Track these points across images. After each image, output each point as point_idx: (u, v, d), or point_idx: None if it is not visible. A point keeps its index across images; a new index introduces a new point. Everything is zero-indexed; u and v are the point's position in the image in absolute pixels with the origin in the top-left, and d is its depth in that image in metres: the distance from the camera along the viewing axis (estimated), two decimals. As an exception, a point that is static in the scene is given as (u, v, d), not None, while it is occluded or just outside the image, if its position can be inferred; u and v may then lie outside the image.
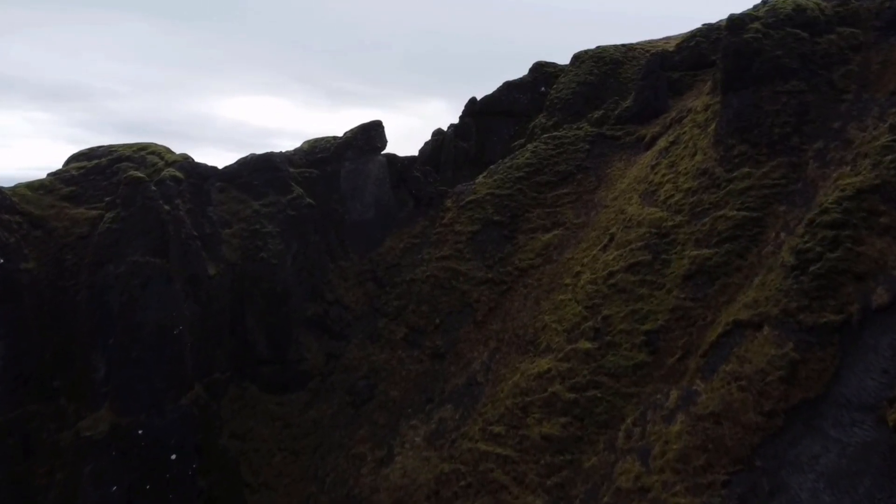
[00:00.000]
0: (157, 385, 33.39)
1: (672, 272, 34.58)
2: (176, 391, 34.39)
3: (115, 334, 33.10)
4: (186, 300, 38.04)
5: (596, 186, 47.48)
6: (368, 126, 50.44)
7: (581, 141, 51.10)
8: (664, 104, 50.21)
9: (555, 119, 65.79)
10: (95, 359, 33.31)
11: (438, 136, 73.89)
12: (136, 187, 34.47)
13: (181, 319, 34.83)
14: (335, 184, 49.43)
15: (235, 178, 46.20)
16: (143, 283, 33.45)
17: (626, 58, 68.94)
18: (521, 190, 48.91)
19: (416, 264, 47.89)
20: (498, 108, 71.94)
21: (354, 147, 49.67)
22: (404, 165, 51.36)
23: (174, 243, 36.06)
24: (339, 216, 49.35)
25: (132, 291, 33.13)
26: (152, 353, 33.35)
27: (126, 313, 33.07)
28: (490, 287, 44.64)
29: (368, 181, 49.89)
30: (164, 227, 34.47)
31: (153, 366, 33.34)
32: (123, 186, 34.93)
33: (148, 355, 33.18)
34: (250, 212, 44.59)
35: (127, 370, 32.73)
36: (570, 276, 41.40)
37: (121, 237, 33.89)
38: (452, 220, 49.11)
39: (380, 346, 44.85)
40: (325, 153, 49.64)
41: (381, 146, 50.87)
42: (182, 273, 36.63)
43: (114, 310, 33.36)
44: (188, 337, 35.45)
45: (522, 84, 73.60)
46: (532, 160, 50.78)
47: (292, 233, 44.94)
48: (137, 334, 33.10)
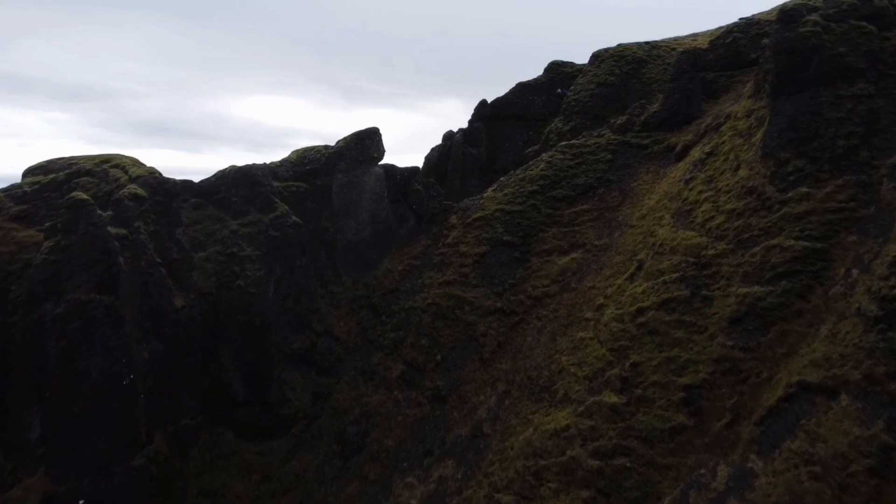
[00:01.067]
0: (102, 445, 28.20)
1: (715, 313, 28.86)
2: (126, 450, 29.19)
3: (52, 387, 27.96)
4: (147, 338, 32.88)
5: (620, 202, 41.80)
6: (363, 134, 45.07)
7: (602, 150, 45.41)
8: (697, 109, 44.40)
9: (572, 123, 60.26)
10: (29, 415, 28.17)
11: (448, 139, 68.47)
12: (79, 211, 29.28)
13: (133, 366, 29.60)
14: (326, 199, 44.10)
15: (212, 194, 41.01)
16: (86, 326, 28.27)
17: (649, 57, 63.23)
18: (535, 206, 43.32)
19: (415, 290, 42.44)
20: (510, 112, 66.34)
21: (348, 157, 44.33)
22: (404, 177, 45.93)
23: (129, 275, 30.84)
24: (331, 235, 44.00)
25: (72, 336, 27.98)
26: (97, 407, 28.15)
27: (65, 361, 27.92)
28: (499, 318, 39.11)
29: (364, 196, 44.51)
30: (111, 257, 29.25)
31: (98, 423, 28.15)
32: (64, 210, 29.78)
33: (91, 411, 27.98)
34: (227, 232, 39.38)
35: (66, 429, 27.59)
36: (591, 308, 35.78)
37: (60, 270, 28.74)
38: (457, 239, 43.63)
39: (373, 385, 39.46)
40: (314, 165, 44.33)
41: (377, 156, 45.49)
42: (137, 310, 31.44)
43: (51, 357, 28.24)
44: (142, 385, 30.21)
45: (537, 85, 67.96)
46: (547, 172, 45.17)
47: (275, 256, 39.63)
48: (78, 386, 27.93)
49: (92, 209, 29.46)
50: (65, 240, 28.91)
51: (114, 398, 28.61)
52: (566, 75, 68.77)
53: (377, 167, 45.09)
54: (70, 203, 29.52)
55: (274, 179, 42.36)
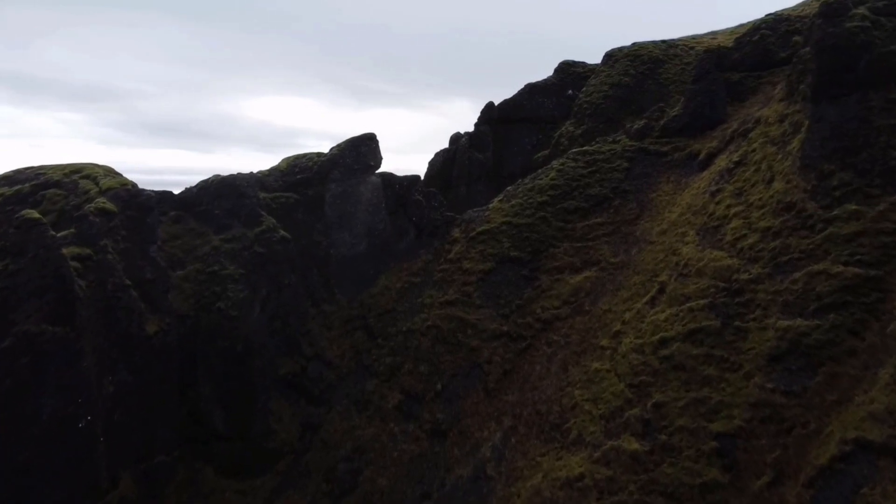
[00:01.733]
0: (55, 497, 24.92)
1: (751, 348, 25.27)
2: (85, 500, 25.91)
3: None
4: (114, 369, 29.64)
5: (637, 215, 38.22)
6: (358, 140, 41.67)
7: (618, 157, 41.82)
8: (721, 113, 40.75)
9: (584, 127, 56.74)
10: (-30, 464, 25.04)
11: (455, 142, 64.95)
12: (29, 231, 26.00)
13: (92, 404, 26.30)
14: (318, 211, 40.73)
15: (194, 206, 37.72)
16: (37, 362, 24.97)
17: (666, 56, 59.54)
18: (545, 218, 39.79)
19: (415, 310, 39.00)
20: (519, 115, 62.81)
21: (342, 166, 40.95)
22: (403, 187, 42.51)
23: (90, 301, 27.57)
24: (324, 250, 40.63)
25: (20, 373, 24.72)
26: (48, 454, 24.88)
27: (11, 403, 24.67)
28: (505, 343, 35.63)
29: (359, 207, 41.12)
30: (65, 283, 25.96)
31: (50, 471, 24.86)
32: (13, 230, 26.54)
33: (42, 458, 24.71)
34: (208, 249, 36.08)
35: (11, 481, 24.33)
36: (607, 335, 32.26)
37: (7, 299, 25.48)
38: (460, 254, 40.16)
39: (367, 415, 36.05)
40: (305, 174, 40.97)
41: (374, 164, 42.08)
42: (102, 339, 28.17)
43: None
44: (102, 424, 26.91)
45: (547, 87, 64.43)
46: (558, 181, 41.63)
47: (260, 274, 36.30)
48: (27, 431, 24.69)
49: (44, 229, 26.20)
50: (13, 264, 25.63)
51: (69, 442, 25.34)
52: (577, 76, 65.21)
53: (374, 176, 41.71)
54: (19, 222, 26.22)
55: (261, 190, 39.02)
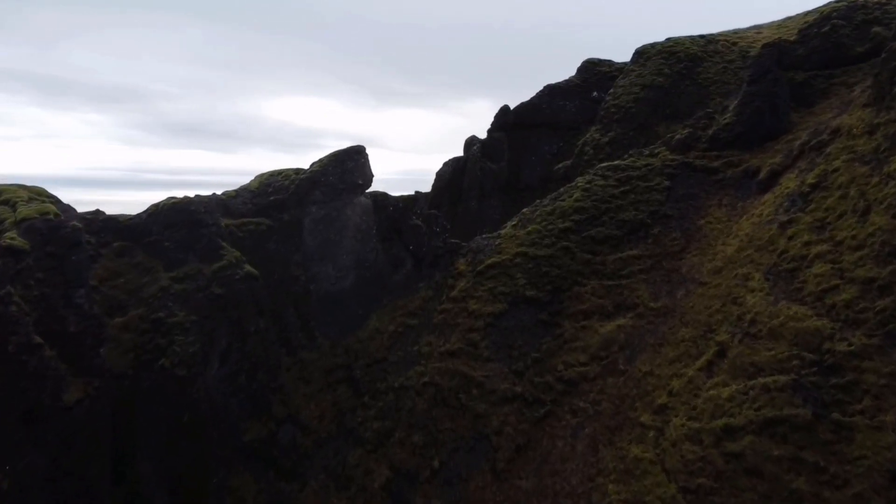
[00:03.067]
0: None
1: (862, 457, 18.11)
2: None
3: None
4: (19, 451, 23.21)
5: (683, 247, 31.07)
6: (344, 154, 34.89)
7: (657, 174, 34.63)
8: (784, 121, 33.44)
9: (612, 133, 49.77)
10: None
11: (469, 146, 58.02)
12: None
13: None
14: (296, 239, 34.04)
15: (143, 236, 31.17)
16: None
17: (705, 53, 52.31)
18: (568, 249, 32.75)
19: (409, 361, 32.16)
20: (537, 119, 55.80)
21: (324, 185, 34.22)
22: (398, 209, 35.68)
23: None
24: (302, 286, 33.93)
25: None
26: None
27: None
28: (518, 409, 28.65)
29: (345, 233, 34.39)
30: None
31: None
32: None
33: None
34: (155, 289, 29.47)
35: None
36: (648, 408, 25.19)
37: None
38: (466, 292, 33.24)
39: (348, 496, 29.24)
40: (280, 195, 34.27)
41: (363, 182, 35.28)
42: None
43: None
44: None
45: (568, 88, 57.36)
46: (584, 202, 34.53)
47: (219, 320, 29.67)
48: None
49: None
50: None
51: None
52: (603, 76, 58.07)
53: (363, 197, 34.92)
54: None
55: (225, 215, 32.36)
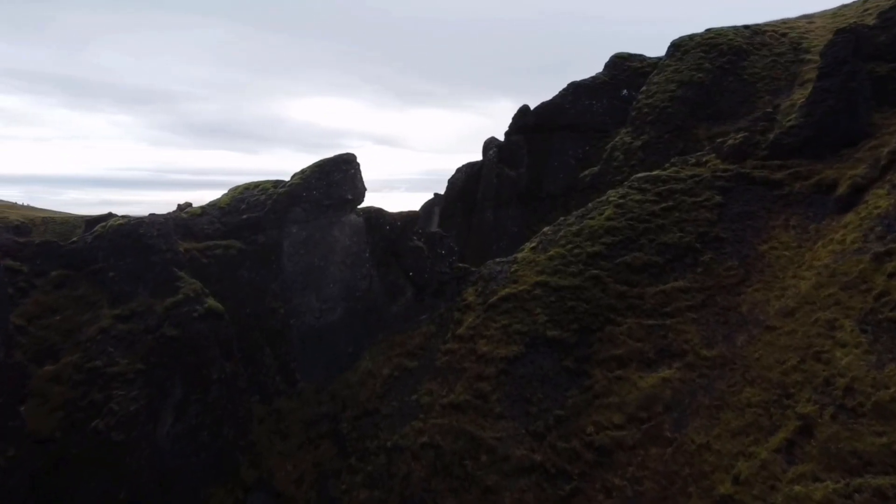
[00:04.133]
0: None
1: None
2: None
3: None
4: None
5: (741, 279, 25.15)
6: (330, 165, 29.42)
7: (706, 187, 28.70)
8: (865, 123, 27.36)
9: (645, 137, 43.95)
10: None
11: (488, 149, 52.36)
12: None
13: None
14: (273, 265, 28.67)
15: (87, 263, 25.97)
16: None
17: (751, 45, 46.31)
18: (598, 279, 26.98)
19: (407, 413, 26.60)
20: (561, 121, 49.99)
21: (307, 201, 28.81)
22: (396, 228, 30.17)
23: None
24: (280, 320, 28.56)
25: None
26: None
27: None
28: (538, 484, 22.94)
29: (332, 258, 28.96)
30: None
31: None
32: None
33: None
34: (95, 330, 24.24)
35: None
36: (706, 496, 19.38)
37: None
38: (475, 329, 27.62)
39: (327, 587, 23.80)
40: (255, 212, 28.89)
41: (353, 197, 29.80)
42: None
43: None
44: None
45: (595, 86, 51.48)
46: (617, 221, 28.72)
47: (173, 368, 24.36)
48: None
49: None
50: None
51: None
52: (634, 72, 52.12)
53: (353, 214, 29.45)
54: None
55: (186, 238, 27.06)
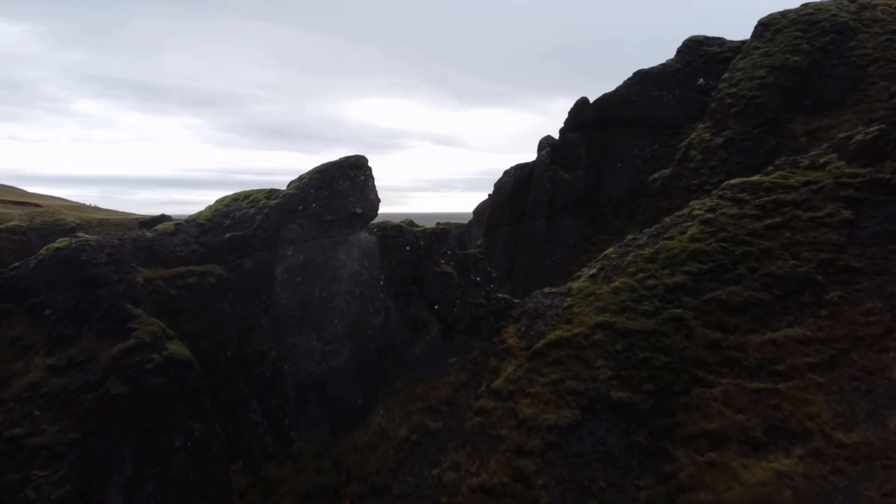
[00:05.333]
0: None
1: None
2: None
3: None
4: None
5: (888, 327, 18.03)
6: (334, 171, 23.37)
7: (829, 198, 21.50)
8: None
9: (728, 133, 36.90)
10: None
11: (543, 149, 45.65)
12: None
13: None
14: (262, 296, 22.88)
15: (28, 295, 20.67)
16: None
17: (859, 22, 38.63)
18: (681, 321, 20.17)
19: (424, 495, 20.39)
20: (624, 115, 42.97)
21: (305, 216, 22.88)
22: (418, 249, 23.98)
23: None
24: (272, 366, 22.78)
25: None
26: None
27: None
28: None
29: (337, 287, 23.00)
30: None
31: None
32: None
33: None
34: (21, 386, 18.85)
35: None
36: None
37: None
38: (515, 383, 21.22)
39: None
40: (240, 230, 23.08)
41: (363, 211, 23.65)
42: None
43: None
44: None
45: (666, 75, 44.23)
46: (705, 243, 21.79)
47: (118, 437, 18.78)
48: None
49: None
50: None
51: None
52: (712, 58, 44.64)
53: (363, 232, 23.35)
54: None
55: (150, 264, 21.45)
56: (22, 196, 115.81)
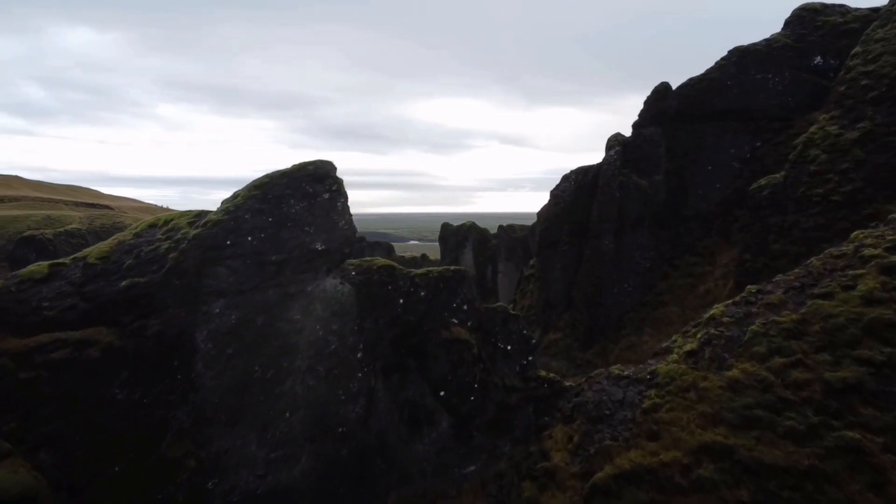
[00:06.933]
0: None
1: None
2: None
3: None
4: None
5: None
6: (280, 186, 15.10)
7: None
8: None
9: (863, 125, 27.49)
10: None
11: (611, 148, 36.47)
12: None
13: None
14: (177, 375, 15.01)
15: None
16: None
17: None
18: (860, 454, 11.34)
19: None
20: (718, 104, 33.48)
21: (239, 254, 14.86)
22: (417, 302, 15.62)
23: None
24: (190, 486, 14.82)
25: None
26: None
27: None
28: None
29: (291, 362, 14.97)
30: None
31: None
32: None
33: None
34: None
35: None
36: None
37: None
38: (563, 536, 12.82)
39: None
40: (145, 274, 15.17)
41: (328, 246, 15.36)
42: None
43: None
44: None
45: (771, 53, 34.53)
46: (891, 308, 12.84)
47: None
48: None
49: None
50: None
51: None
52: (832, 30, 34.70)
53: (331, 278, 15.18)
54: None
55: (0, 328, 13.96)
56: (96, 197, 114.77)
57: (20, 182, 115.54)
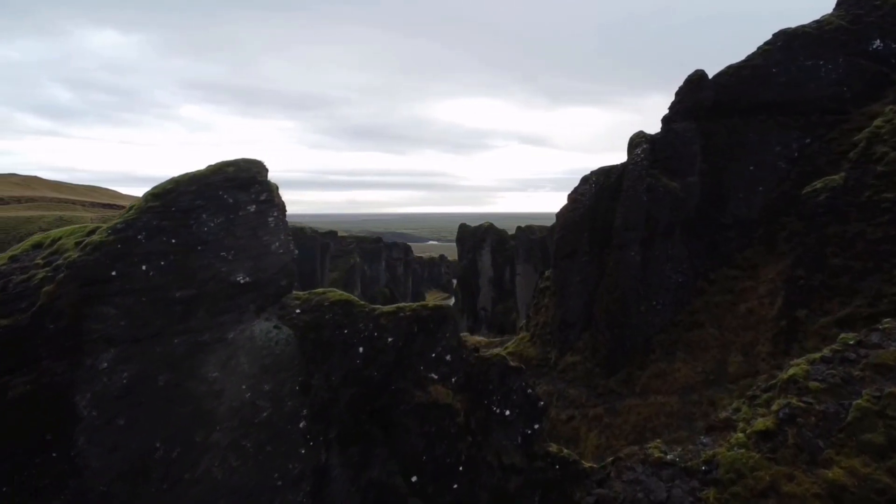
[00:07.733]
0: None
1: None
2: None
3: None
4: None
5: None
6: (189, 195, 10.81)
7: None
8: None
9: (940, 118, 22.86)
10: None
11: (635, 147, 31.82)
12: None
13: None
14: (47, 453, 10.88)
15: None
16: None
17: None
18: None
19: None
20: (761, 95, 28.84)
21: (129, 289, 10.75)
22: (383, 351, 11.35)
23: None
24: None
25: None
26: None
27: None
28: None
29: (207, 435, 10.71)
30: None
31: None
32: None
33: None
34: None
35: None
36: None
37: None
38: None
39: None
40: (9, 313, 11.16)
41: (255, 278, 11.18)
42: None
43: None
44: None
45: (822, 36, 29.87)
46: None
47: None
48: None
49: None
50: None
51: None
52: (894, 9, 30.12)
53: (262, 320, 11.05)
54: None
55: None
56: (113, 198, 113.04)
57: (40, 182, 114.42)
